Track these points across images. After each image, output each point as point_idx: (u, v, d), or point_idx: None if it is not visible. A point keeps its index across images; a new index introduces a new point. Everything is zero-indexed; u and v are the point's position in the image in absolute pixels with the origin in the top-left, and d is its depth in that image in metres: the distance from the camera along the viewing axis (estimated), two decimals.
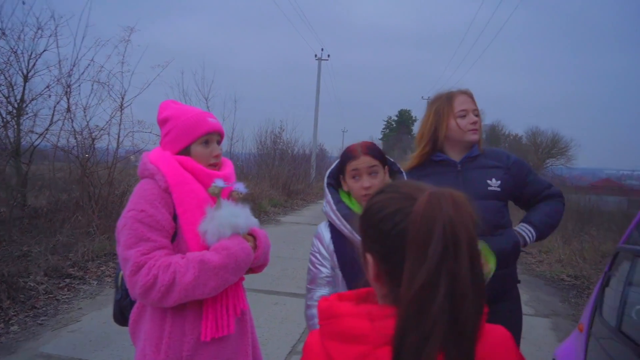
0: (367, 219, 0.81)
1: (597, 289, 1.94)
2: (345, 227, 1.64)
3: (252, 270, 1.61)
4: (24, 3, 6.99)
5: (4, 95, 6.65)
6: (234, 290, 1.53)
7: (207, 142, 1.56)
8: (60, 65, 7.15)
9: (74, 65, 7.20)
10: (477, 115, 1.91)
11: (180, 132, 1.53)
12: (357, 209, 1.66)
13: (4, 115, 6.71)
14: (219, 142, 1.62)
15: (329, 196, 1.72)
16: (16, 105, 6.98)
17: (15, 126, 7.02)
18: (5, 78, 6.64)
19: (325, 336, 0.79)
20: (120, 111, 7.79)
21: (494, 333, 0.79)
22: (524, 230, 1.89)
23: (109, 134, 7.77)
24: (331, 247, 1.70)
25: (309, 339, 0.85)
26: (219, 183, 1.47)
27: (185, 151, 1.54)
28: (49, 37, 7.07)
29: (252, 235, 1.58)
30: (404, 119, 63.41)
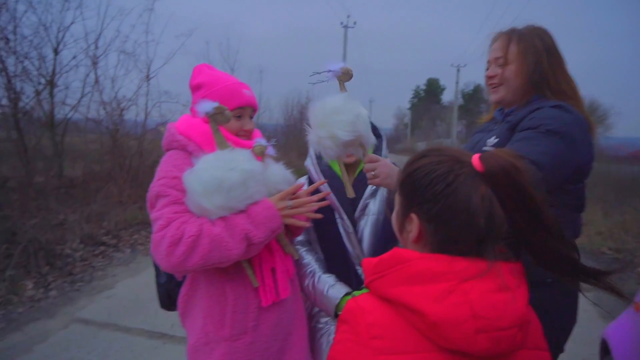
0: (412, 181, 0.84)
1: None
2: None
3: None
4: None
5: (35, 68, 6.72)
6: (280, 252, 1.46)
7: (239, 116, 1.46)
8: (87, 38, 7.19)
9: (99, 36, 7.22)
10: None
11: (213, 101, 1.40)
12: (336, 168, 1.68)
13: (38, 88, 6.81)
14: (251, 117, 1.53)
15: (311, 151, 1.74)
16: (48, 78, 7.06)
17: (49, 99, 7.13)
18: (37, 51, 6.69)
19: (387, 285, 0.79)
20: (147, 82, 7.83)
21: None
22: None
23: (136, 104, 7.84)
24: None
25: (352, 304, 0.82)
26: (262, 142, 1.40)
27: None
28: (75, 9, 7.08)
29: None
30: (432, 88, 61.84)
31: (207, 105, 1.25)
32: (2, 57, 5.92)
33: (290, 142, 16.55)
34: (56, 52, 7.10)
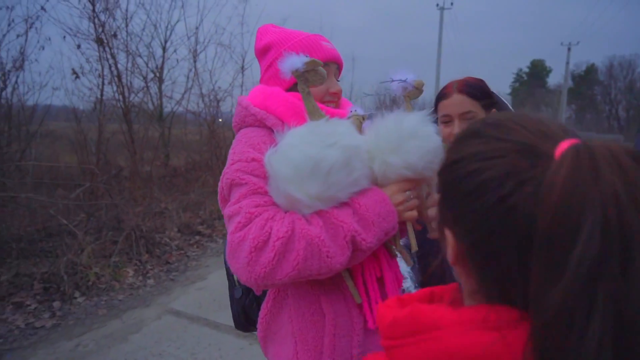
0: (452, 180, 0.53)
1: None
2: None
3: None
4: None
5: (145, 64, 7.17)
6: (387, 255, 1.15)
7: None
8: (188, 33, 7.52)
9: (197, 29, 7.49)
10: None
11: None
12: None
13: (146, 83, 7.24)
14: (336, 76, 1.22)
15: None
16: (157, 74, 7.49)
17: (158, 93, 7.58)
18: (147, 48, 7.13)
19: None
20: (242, 73, 7.99)
21: None
22: None
23: (232, 96, 8.05)
24: None
25: None
26: (359, 110, 1.09)
27: (293, 88, 1.13)
28: (181, 7, 7.43)
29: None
30: (537, 71, 56.84)
31: (296, 61, 0.95)
32: (113, 53, 6.32)
33: None
34: (164, 49, 7.50)
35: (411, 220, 1.07)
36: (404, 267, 1.39)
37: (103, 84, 6.36)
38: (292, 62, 0.95)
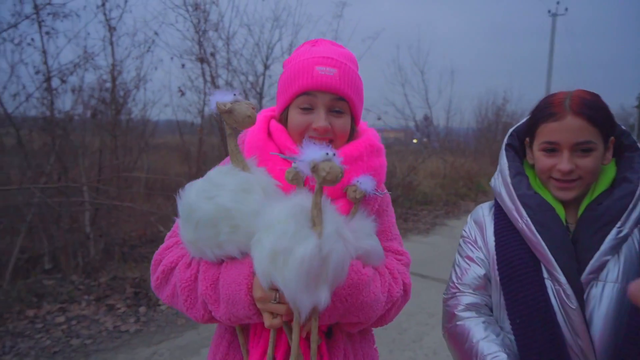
0: None
1: None
2: (519, 215, 1.08)
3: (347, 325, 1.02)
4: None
5: (246, 80, 7.58)
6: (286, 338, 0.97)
7: (306, 107, 1.02)
8: (282, 51, 7.76)
9: (291, 45, 7.69)
10: None
11: (280, 86, 1.08)
12: (544, 194, 1.10)
13: (247, 98, 7.69)
14: (341, 110, 1.02)
15: (504, 163, 1.17)
16: (258, 90, 7.87)
17: (258, 108, 8.00)
18: (249, 66, 7.53)
19: None
20: None
21: None
22: None
23: None
24: (492, 241, 1.16)
25: None
26: (300, 165, 0.85)
27: (285, 115, 1.09)
28: (281, 27, 7.71)
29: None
30: None
31: (214, 99, 0.86)
32: (212, 71, 6.70)
33: (482, 147, 15.23)
34: (265, 66, 7.81)
35: (272, 327, 0.89)
36: (489, 339, 1.07)
37: (205, 99, 6.80)
38: (212, 101, 0.86)
